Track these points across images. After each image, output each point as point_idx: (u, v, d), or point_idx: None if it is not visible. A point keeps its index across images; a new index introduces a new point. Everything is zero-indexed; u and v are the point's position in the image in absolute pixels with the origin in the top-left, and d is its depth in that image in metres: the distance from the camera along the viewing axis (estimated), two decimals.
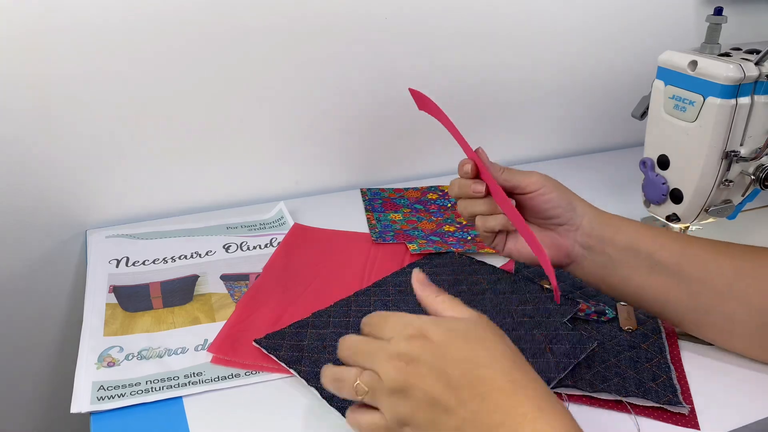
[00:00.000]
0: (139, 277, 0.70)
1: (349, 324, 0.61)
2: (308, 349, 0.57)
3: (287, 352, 0.57)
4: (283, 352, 0.57)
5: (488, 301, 0.62)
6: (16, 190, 0.76)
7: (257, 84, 0.82)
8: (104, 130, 0.77)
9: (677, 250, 0.55)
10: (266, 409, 0.53)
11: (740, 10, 1.05)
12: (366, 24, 0.83)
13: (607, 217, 0.59)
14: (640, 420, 0.52)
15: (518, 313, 0.60)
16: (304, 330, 0.60)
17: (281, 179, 0.89)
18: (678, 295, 0.55)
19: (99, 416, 0.52)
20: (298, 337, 0.59)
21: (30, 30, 0.69)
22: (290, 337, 0.59)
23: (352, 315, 0.62)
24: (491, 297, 0.63)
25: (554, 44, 0.96)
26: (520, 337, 0.57)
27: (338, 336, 0.47)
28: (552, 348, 0.56)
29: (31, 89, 0.72)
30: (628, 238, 0.57)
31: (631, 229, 0.57)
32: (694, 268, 0.54)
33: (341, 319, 0.61)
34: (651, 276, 0.56)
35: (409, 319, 0.43)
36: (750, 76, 0.63)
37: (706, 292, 0.54)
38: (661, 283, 0.56)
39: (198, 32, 0.76)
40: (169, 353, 0.59)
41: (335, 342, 0.46)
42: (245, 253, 0.75)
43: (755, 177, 0.68)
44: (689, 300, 0.55)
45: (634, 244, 0.56)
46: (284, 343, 0.58)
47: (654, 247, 0.56)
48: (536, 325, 0.59)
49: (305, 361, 0.56)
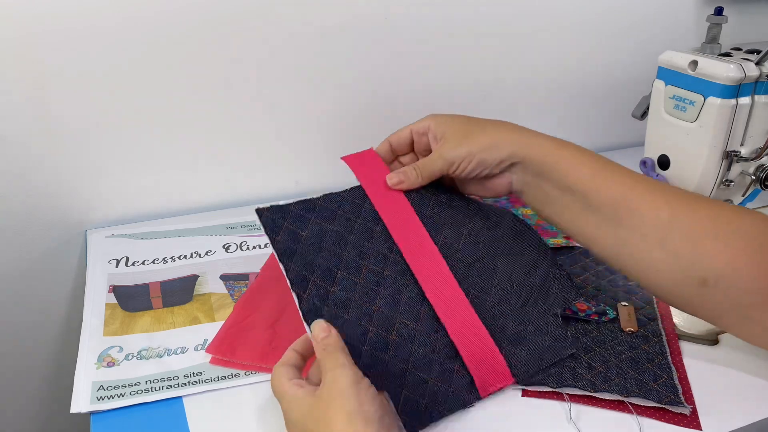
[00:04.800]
0: (138, 277, 0.70)
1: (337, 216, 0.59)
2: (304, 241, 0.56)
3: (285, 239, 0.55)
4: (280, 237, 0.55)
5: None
6: (16, 190, 0.76)
7: (257, 84, 0.81)
8: (104, 130, 0.77)
9: (614, 195, 0.54)
10: (266, 409, 0.53)
11: (740, 10, 1.05)
12: (366, 24, 0.83)
13: (543, 152, 0.57)
14: (642, 420, 0.52)
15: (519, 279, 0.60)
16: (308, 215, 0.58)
17: (281, 179, 0.89)
18: (607, 237, 0.55)
19: (99, 416, 0.52)
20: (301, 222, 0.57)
21: (30, 30, 0.69)
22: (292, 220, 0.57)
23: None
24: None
25: (554, 44, 0.96)
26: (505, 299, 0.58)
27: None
28: (528, 337, 0.56)
29: (31, 89, 0.72)
30: (563, 179, 0.56)
31: (569, 166, 0.56)
32: (627, 216, 0.53)
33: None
34: (582, 214, 0.56)
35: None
36: (750, 76, 0.63)
37: (635, 241, 0.53)
38: (592, 222, 0.55)
39: (198, 33, 0.76)
40: (169, 353, 0.59)
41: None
42: (245, 253, 0.75)
43: (756, 177, 0.67)
44: (616, 244, 0.54)
45: (571, 185, 0.55)
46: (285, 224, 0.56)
47: (590, 189, 0.55)
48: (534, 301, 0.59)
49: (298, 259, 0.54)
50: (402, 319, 0.54)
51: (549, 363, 0.56)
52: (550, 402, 0.54)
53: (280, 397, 0.46)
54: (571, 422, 0.52)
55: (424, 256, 0.57)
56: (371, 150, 0.63)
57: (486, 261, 0.59)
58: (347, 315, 0.53)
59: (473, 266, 0.58)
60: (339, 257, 0.56)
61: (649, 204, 0.53)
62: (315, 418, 0.43)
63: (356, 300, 0.54)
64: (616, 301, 0.65)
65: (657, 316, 0.63)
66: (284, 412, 0.46)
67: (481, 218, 0.62)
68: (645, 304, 0.64)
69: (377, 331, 0.53)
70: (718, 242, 0.51)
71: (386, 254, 0.57)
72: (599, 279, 0.68)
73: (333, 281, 0.54)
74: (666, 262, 0.52)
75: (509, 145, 0.57)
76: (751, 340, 0.54)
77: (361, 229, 0.58)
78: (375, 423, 0.42)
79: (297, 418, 0.45)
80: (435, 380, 0.52)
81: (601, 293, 0.66)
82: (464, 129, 0.59)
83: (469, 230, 0.60)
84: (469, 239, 0.60)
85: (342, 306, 0.53)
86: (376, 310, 0.54)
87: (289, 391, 0.46)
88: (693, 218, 0.52)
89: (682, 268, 0.52)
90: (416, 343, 0.54)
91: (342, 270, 0.55)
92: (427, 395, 0.51)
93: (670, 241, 0.52)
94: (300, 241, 0.55)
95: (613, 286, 0.67)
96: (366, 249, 0.57)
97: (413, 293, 0.56)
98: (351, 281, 0.55)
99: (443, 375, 0.53)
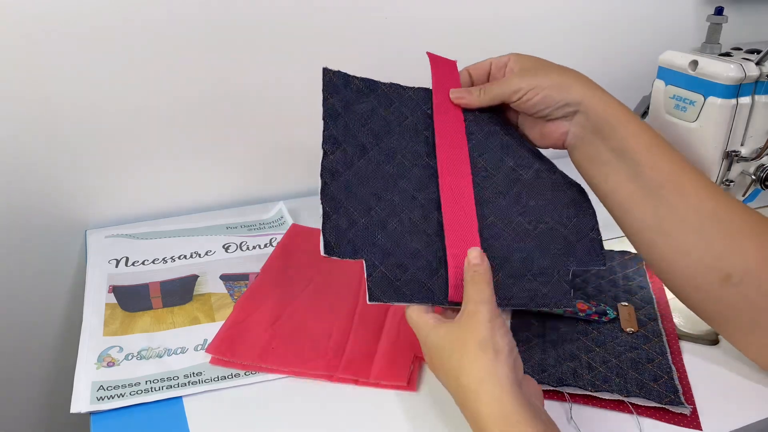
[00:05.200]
0: (138, 277, 0.70)
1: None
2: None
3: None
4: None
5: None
6: (16, 190, 0.76)
7: (257, 83, 0.82)
8: (104, 130, 0.77)
9: (666, 171, 0.54)
10: (266, 409, 0.53)
11: (741, 10, 1.05)
12: (365, 24, 0.83)
13: (608, 110, 0.56)
14: (642, 420, 0.52)
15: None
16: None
17: (281, 179, 0.89)
18: (645, 211, 0.55)
19: (99, 416, 0.52)
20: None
21: (30, 30, 0.69)
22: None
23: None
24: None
25: (554, 44, 0.96)
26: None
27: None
28: (528, 276, 0.55)
29: (31, 89, 0.72)
30: (620, 142, 0.55)
31: (629, 132, 0.55)
32: (673, 195, 0.53)
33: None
34: (628, 182, 0.55)
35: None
36: (751, 75, 0.62)
37: (674, 221, 0.53)
38: (635, 192, 0.55)
39: (197, 33, 0.76)
40: (169, 353, 0.59)
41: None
42: (245, 253, 0.75)
43: (756, 177, 0.67)
44: (653, 219, 0.54)
45: (626, 150, 0.55)
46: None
47: (644, 160, 0.54)
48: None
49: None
50: (409, 214, 0.55)
51: (535, 306, 0.54)
52: (551, 402, 0.54)
53: (417, 327, 0.51)
54: (572, 422, 0.52)
55: (456, 169, 0.58)
56: (455, 62, 0.64)
57: (520, 197, 0.58)
58: (360, 190, 0.55)
59: (503, 195, 0.58)
60: (377, 138, 0.58)
61: (698, 191, 0.53)
62: (451, 341, 0.48)
63: (374, 181, 0.56)
64: (617, 301, 0.65)
65: (657, 316, 0.63)
66: (422, 339, 0.50)
67: (530, 157, 0.61)
68: (645, 304, 0.64)
69: (380, 213, 0.54)
70: (753, 241, 0.51)
71: (422, 155, 0.58)
72: (599, 279, 0.68)
73: (362, 155, 0.56)
74: (698, 247, 0.52)
75: (579, 91, 0.56)
76: (752, 354, 0.54)
77: (410, 125, 0.59)
78: (504, 354, 0.46)
79: (435, 342, 0.49)
80: (415, 270, 0.53)
81: (601, 293, 0.66)
82: (541, 64, 0.59)
83: (514, 164, 0.60)
84: (510, 172, 0.59)
85: (359, 180, 0.55)
86: (389, 198, 0.55)
87: (430, 321, 0.50)
88: (733, 215, 0.53)
89: (712, 258, 0.52)
90: (413, 237, 0.54)
91: (374, 150, 0.57)
92: (402, 279, 0.52)
93: (708, 229, 0.52)
94: (349, 110, 0.58)
95: (613, 286, 0.67)
96: (405, 143, 0.58)
97: (431, 198, 0.56)
98: (378, 162, 0.56)
99: (425, 270, 0.53)
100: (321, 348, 0.59)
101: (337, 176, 0.54)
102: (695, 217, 0.53)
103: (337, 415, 0.53)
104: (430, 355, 0.50)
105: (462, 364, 0.46)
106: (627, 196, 0.56)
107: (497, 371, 0.45)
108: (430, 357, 0.50)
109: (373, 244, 0.53)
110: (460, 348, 0.47)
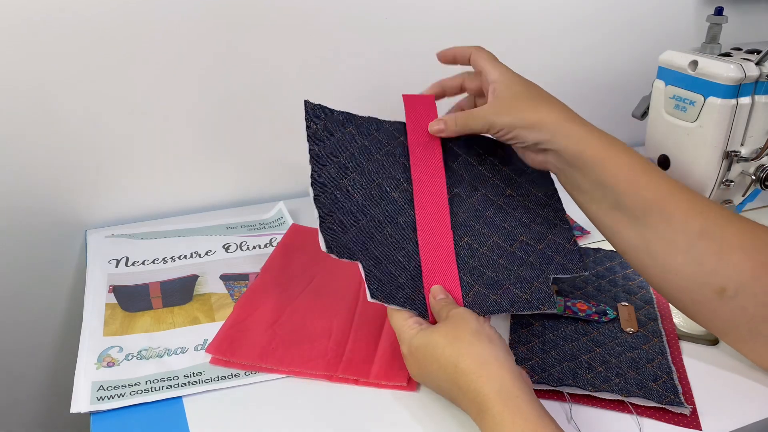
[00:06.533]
0: (138, 277, 0.70)
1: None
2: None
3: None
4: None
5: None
6: (15, 190, 0.76)
7: (257, 83, 0.82)
8: (104, 130, 0.77)
9: (647, 198, 0.54)
10: (266, 409, 0.53)
11: (740, 10, 1.05)
12: (365, 24, 0.83)
13: (580, 147, 0.56)
14: (642, 420, 0.52)
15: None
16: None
17: (281, 179, 0.89)
18: (631, 235, 0.55)
19: (99, 416, 0.52)
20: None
21: (30, 30, 0.69)
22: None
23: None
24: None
25: (554, 44, 0.96)
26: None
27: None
28: (507, 286, 0.56)
29: (31, 89, 0.72)
30: (598, 174, 0.55)
31: (604, 167, 0.55)
32: (658, 221, 0.53)
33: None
34: (611, 210, 0.56)
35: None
36: (750, 76, 0.63)
37: (660, 244, 0.53)
38: (619, 219, 0.55)
39: (197, 32, 0.76)
40: (169, 353, 0.59)
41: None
42: (245, 253, 0.75)
43: (756, 177, 0.67)
44: (639, 241, 0.55)
45: (604, 182, 0.55)
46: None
47: (624, 190, 0.54)
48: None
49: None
50: (392, 230, 0.58)
51: (517, 310, 0.55)
52: (550, 402, 0.54)
53: (401, 330, 0.52)
54: (572, 422, 0.52)
55: (432, 194, 0.60)
56: (432, 97, 0.66)
57: (494, 220, 0.61)
58: (346, 205, 0.58)
59: (477, 219, 0.60)
60: (358, 162, 0.61)
61: (682, 213, 0.53)
62: (443, 335, 0.49)
63: (358, 199, 0.59)
64: (616, 301, 0.65)
65: (657, 316, 0.63)
66: (407, 341, 0.52)
67: (503, 186, 0.63)
68: (645, 304, 0.64)
69: (367, 225, 0.57)
70: (744, 254, 0.51)
71: (400, 181, 0.62)
72: (599, 279, 0.68)
73: (346, 176, 0.60)
74: (688, 266, 0.53)
75: (550, 130, 0.56)
76: (756, 359, 0.54)
77: (388, 153, 0.63)
78: (498, 341, 0.49)
79: (424, 341, 0.50)
80: (403, 281, 0.55)
81: (601, 293, 0.66)
82: (516, 98, 0.58)
83: (486, 191, 0.62)
84: (483, 198, 0.62)
85: (345, 196, 0.58)
86: (373, 215, 0.58)
87: (414, 325, 0.52)
88: (724, 230, 0.52)
89: (704, 275, 0.52)
90: (398, 251, 0.57)
91: (356, 173, 0.60)
92: (394, 284, 0.54)
93: (696, 250, 0.52)
94: (331, 137, 0.62)
95: (613, 286, 0.67)
96: (385, 169, 0.62)
97: (409, 220, 0.59)
98: (360, 184, 0.60)
99: (409, 283, 0.55)
100: (321, 348, 0.59)
101: (326, 188, 0.58)
102: (683, 238, 0.53)
103: (337, 415, 0.53)
104: (416, 357, 0.51)
105: (460, 351, 0.48)
106: (612, 222, 0.56)
107: (497, 354, 0.48)
108: (416, 358, 0.51)
109: (365, 248, 0.55)
110: (454, 340, 0.49)
